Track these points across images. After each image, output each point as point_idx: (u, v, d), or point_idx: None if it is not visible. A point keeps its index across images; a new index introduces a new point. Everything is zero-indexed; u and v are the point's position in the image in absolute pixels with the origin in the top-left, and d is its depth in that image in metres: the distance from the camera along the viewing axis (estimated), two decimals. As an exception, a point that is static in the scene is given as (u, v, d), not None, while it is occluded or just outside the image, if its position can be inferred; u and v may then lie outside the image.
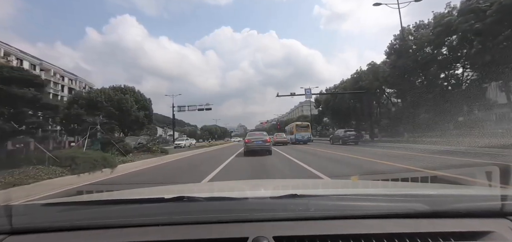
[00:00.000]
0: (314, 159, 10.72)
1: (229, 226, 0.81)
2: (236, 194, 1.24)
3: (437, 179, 3.10)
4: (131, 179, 7.30)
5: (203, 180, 6.31)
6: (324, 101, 41.69)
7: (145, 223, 0.84)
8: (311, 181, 3.30)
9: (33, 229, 0.85)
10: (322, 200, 1.00)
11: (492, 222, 0.80)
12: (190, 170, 9.38)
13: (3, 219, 0.84)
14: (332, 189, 1.52)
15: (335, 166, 8.46)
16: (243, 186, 1.94)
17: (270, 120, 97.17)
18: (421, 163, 7.55)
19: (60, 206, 1.04)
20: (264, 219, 0.84)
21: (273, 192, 1.29)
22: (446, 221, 0.81)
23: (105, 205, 1.01)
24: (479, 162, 7.17)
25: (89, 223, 0.86)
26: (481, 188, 1.44)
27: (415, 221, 0.81)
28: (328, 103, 39.98)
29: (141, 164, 10.63)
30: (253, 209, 0.91)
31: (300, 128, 27.63)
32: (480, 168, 2.35)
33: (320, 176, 6.28)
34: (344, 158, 10.44)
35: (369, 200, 0.99)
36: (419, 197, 1.00)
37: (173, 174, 8.36)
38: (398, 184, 1.99)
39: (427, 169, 5.94)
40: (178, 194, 0.98)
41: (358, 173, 6.13)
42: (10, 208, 0.89)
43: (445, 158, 8.55)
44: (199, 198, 0.99)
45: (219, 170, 8.13)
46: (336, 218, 0.82)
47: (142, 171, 9.15)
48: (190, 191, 1.65)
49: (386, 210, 0.86)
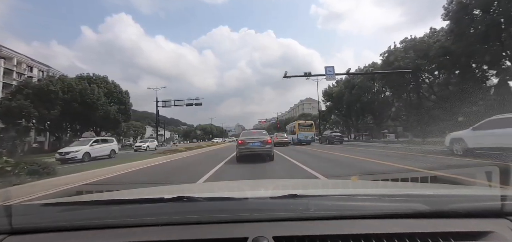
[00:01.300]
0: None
1: (229, 226, 0.80)
2: (236, 194, 1.26)
3: (437, 179, 2.75)
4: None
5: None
6: (337, 94, 34.67)
7: (145, 223, 0.83)
8: (311, 181, 3.29)
9: (33, 229, 0.84)
10: (322, 200, 0.99)
11: (492, 222, 0.80)
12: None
13: (3, 219, 0.83)
14: (332, 189, 1.51)
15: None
16: (243, 186, 1.92)
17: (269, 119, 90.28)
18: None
19: (60, 206, 1.03)
20: (264, 219, 0.83)
21: (273, 192, 1.28)
22: (446, 221, 0.81)
23: (105, 205, 1.00)
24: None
25: (89, 223, 0.86)
26: (481, 188, 1.48)
27: (415, 221, 0.81)
28: (342, 96, 32.97)
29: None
30: (253, 209, 0.90)
31: (303, 127, 24.00)
32: (480, 168, 2.15)
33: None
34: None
35: (369, 200, 0.98)
36: (419, 197, 0.99)
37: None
38: (398, 184, 2.00)
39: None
40: (178, 194, 0.98)
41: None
42: (10, 208, 0.89)
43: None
44: (199, 198, 0.98)
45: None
46: (336, 218, 0.82)
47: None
48: (190, 191, 1.67)
49: (386, 210, 0.85)
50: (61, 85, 27.56)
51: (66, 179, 5.74)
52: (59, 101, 27.19)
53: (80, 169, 7.04)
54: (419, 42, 19.66)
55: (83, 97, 28.54)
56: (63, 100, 27.28)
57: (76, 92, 28.25)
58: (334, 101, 36.74)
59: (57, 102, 27.13)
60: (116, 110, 33.08)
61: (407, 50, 20.13)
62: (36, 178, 5.30)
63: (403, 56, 19.93)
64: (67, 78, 29.82)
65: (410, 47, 20.20)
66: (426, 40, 19.44)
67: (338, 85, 35.97)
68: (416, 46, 19.64)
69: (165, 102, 42.81)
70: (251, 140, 8.93)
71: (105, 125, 34.95)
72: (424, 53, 18.99)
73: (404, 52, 20.34)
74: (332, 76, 18.86)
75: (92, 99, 28.96)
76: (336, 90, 34.96)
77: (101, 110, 30.28)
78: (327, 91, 38.52)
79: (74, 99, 27.99)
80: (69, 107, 27.99)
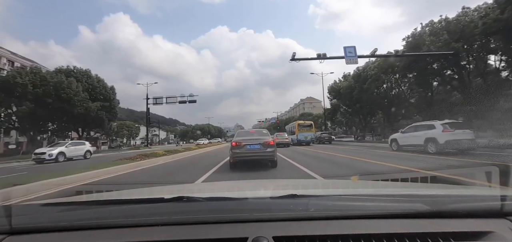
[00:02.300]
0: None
1: (229, 226, 0.80)
2: (236, 194, 1.26)
3: (437, 179, 2.78)
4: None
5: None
6: (345, 90, 31.27)
7: (145, 223, 0.83)
8: (311, 181, 3.32)
9: (32, 229, 0.84)
10: (322, 200, 0.99)
11: (492, 222, 0.80)
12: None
13: (2, 219, 0.83)
14: (332, 189, 1.51)
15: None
16: (243, 186, 1.91)
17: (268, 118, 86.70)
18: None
19: (60, 206, 1.03)
20: (264, 219, 0.83)
21: (273, 192, 1.27)
22: (446, 221, 0.81)
23: (105, 205, 0.99)
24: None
25: (89, 223, 0.85)
26: (481, 188, 1.50)
27: (415, 221, 0.81)
28: (352, 92, 29.57)
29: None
30: (253, 209, 0.89)
31: (303, 127, 23.81)
32: (480, 168, 2.11)
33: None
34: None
35: (369, 200, 0.98)
36: (419, 197, 0.99)
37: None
38: (398, 184, 1.99)
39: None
40: (178, 194, 0.97)
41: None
42: (9, 208, 0.89)
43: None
44: (199, 198, 0.97)
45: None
46: (336, 218, 0.82)
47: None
48: (190, 191, 1.67)
49: (386, 210, 0.85)
50: (31, 78, 23.92)
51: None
52: (29, 96, 23.59)
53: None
54: (454, 22, 16.26)
55: (58, 92, 24.91)
56: (34, 95, 23.65)
57: (50, 86, 24.63)
58: (341, 98, 33.34)
59: (27, 98, 23.53)
60: (98, 107, 29.43)
61: (437, 32, 16.73)
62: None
63: (434, 40, 16.54)
64: (40, 71, 26.16)
65: (440, 30, 16.82)
66: (461, 19, 16.06)
67: (346, 80, 32.63)
68: (450, 27, 16.26)
69: (157, 99, 39.48)
70: (249, 141, 7.04)
71: (87, 124, 31.34)
72: (459, 35, 15.63)
73: (433, 35, 16.96)
74: (353, 59, 14.89)
75: (68, 94, 25.32)
76: (344, 86, 31.56)
77: (80, 107, 26.67)
78: (334, 87, 35.13)
79: (47, 94, 24.34)
80: (41, 103, 24.37)
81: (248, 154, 6.85)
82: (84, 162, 14.06)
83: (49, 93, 24.47)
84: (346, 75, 34.98)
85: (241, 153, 6.87)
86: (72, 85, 25.97)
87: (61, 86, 25.10)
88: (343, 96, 32.16)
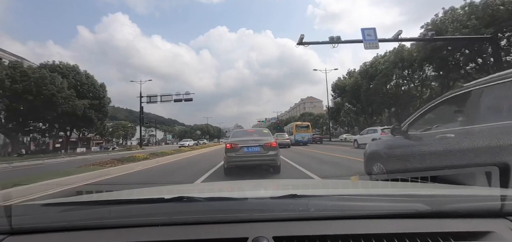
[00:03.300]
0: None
1: (229, 226, 0.80)
2: (236, 194, 1.25)
3: (437, 179, 2.40)
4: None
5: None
6: (351, 87, 29.31)
7: (145, 223, 0.83)
8: (311, 181, 3.33)
9: (32, 229, 0.84)
10: (322, 200, 0.98)
11: (492, 222, 0.80)
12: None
13: (2, 219, 0.83)
14: (332, 189, 1.49)
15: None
16: (243, 186, 1.87)
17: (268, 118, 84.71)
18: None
19: (60, 206, 1.02)
20: (264, 219, 0.83)
21: (273, 192, 1.27)
22: (446, 221, 0.80)
23: (105, 205, 0.98)
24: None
25: (89, 223, 0.85)
26: (481, 188, 1.45)
27: (415, 221, 0.81)
28: (358, 88, 27.61)
29: None
30: (253, 209, 0.89)
31: (300, 128, 25.02)
32: (480, 168, 1.97)
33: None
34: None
35: (369, 200, 0.98)
36: (419, 197, 0.98)
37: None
38: (398, 184, 1.98)
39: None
40: (178, 194, 0.96)
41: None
42: (10, 208, 0.89)
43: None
44: (199, 198, 0.97)
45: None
46: (336, 218, 0.82)
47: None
48: (190, 191, 1.64)
49: (386, 210, 0.85)
50: (10, 72, 21.84)
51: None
52: (7, 92, 21.51)
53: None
54: (481, 6, 14.27)
55: (40, 88, 22.83)
56: (12, 91, 21.57)
57: (31, 81, 22.54)
58: (347, 96, 31.38)
59: (5, 94, 21.45)
60: (86, 105, 27.35)
61: (460, 19, 14.74)
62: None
63: (458, 26, 14.55)
64: (21, 66, 24.07)
65: (464, 15, 14.82)
66: (490, 2, 14.08)
67: (352, 77, 30.70)
68: (477, 12, 14.27)
69: (151, 97, 37.37)
70: (247, 142, 5.99)
71: (74, 123, 29.24)
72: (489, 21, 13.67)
73: (457, 22, 14.97)
74: (373, 43, 12.36)
75: (51, 91, 23.23)
76: (350, 83, 29.60)
77: (65, 105, 24.59)
78: (338, 84, 33.19)
79: (28, 90, 22.27)
80: (20, 101, 22.29)
81: (246, 158, 5.82)
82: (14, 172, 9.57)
83: (30, 89, 22.39)
84: (350, 72, 33.14)
85: (237, 157, 5.81)
86: (56, 81, 23.88)
87: (43, 82, 23.00)
88: (349, 94, 30.22)
